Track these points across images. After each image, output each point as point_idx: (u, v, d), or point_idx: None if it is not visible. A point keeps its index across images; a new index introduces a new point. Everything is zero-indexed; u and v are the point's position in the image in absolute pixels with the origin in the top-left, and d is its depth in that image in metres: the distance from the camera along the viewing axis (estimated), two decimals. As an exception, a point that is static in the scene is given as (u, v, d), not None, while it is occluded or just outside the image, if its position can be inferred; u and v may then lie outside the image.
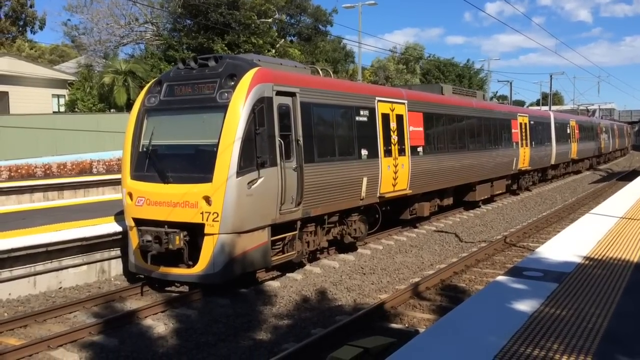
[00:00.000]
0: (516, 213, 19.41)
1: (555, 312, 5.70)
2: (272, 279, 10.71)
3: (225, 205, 9.09)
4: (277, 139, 9.82)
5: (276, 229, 10.08)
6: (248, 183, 9.28)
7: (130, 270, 10.32)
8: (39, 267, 9.99)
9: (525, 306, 5.88)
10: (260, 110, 9.57)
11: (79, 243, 10.43)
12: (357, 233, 12.70)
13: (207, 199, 9.15)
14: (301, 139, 10.40)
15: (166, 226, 9.40)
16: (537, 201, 22.58)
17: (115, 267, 11.20)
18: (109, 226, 11.08)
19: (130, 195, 9.96)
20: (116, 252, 11.17)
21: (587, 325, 5.31)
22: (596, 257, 8.15)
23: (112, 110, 38.76)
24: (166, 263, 9.72)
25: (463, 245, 14.03)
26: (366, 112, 12.79)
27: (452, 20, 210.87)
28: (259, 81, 9.69)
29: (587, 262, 7.85)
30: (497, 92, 79.61)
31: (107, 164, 29.89)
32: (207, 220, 9.16)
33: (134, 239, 9.96)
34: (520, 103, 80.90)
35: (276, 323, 8.45)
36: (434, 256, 12.89)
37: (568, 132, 32.25)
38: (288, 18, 52.44)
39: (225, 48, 42.96)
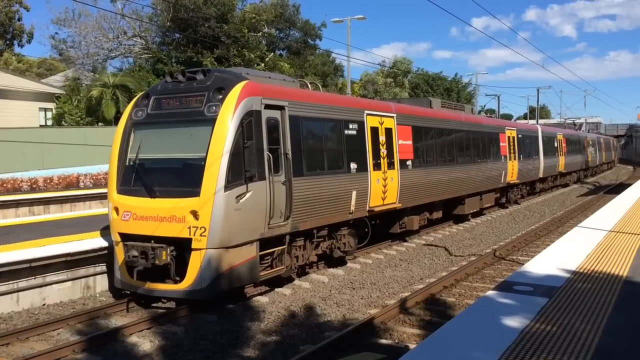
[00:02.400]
0: (505, 226, 19.43)
1: (545, 327, 5.65)
2: (261, 294, 10.59)
3: (212, 219, 8.97)
4: (266, 152, 9.76)
5: (264, 243, 9.97)
6: (236, 197, 9.17)
7: (116, 286, 10.14)
8: (22, 283, 9.79)
9: (515, 322, 5.81)
10: (248, 124, 9.51)
11: (63, 259, 10.25)
12: (346, 247, 12.63)
13: (195, 214, 9.02)
14: (290, 152, 10.33)
15: (153, 241, 9.26)
16: (525, 214, 22.64)
17: (101, 283, 11.02)
18: (94, 241, 10.91)
19: (117, 209, 9.82)
20: (102, 267, 11.00)
21: (578, 342, 5.25)
22: (586, 271, 8.13)
23: (99, 123, 38.53)
24: (153, 279, 9.56)
25: (453, 259, 13.99)
26: (355, 126, 12.75)
27: (439, 35, 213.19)
28: (247, 94, 9.65)
29: (576, 276, 7.82)
30: (485, 105, 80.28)
31: (94, 177, 29.64)
32: (194, 235, 9.04)
33: (119, 254, 9.81)
34: (508, 117, 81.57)
35: (264, 339, 8.32)
36: (424, 270, 12.83)
37: (555, 145, 32.52)
38: (277, 32, 52.64)
39: (215, 62, 43.01)
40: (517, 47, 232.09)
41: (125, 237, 9.70)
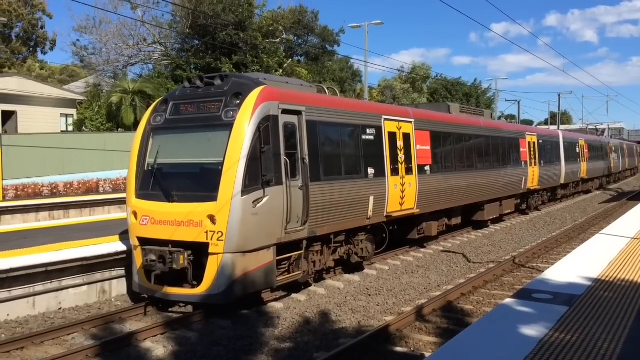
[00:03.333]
0: (525, 233, 19.12)
1: (565, 337, 5.48)
2: (277, 299, 10.52)
3: (230, 224, 8.95)
4: (283, 157, 9.74)
5: (282, 248, 9.93)
6: (253, 202, 9.15)
7: (134, 290, 10.14)
8: (39, 287, 9.85)
9: (534, 331, 5.66)
10: (265, 129, 9.50)
11: (79, 263, 10.30)
12: (364, 253, 12.53)
13: (212, 218, 9.03)
14: (307, 157, 10.30)
15: (170, 245, 9.26)
16: (546, 221, 22.27)
17: (117, 288, 11.05)
18: (111, 246, 10.95)
19: (135, 214, 9.86)
20: (117, 272, 11.03)
21: (598, 352, 5.08)
22: (607, 279, 7.91)
23: (119, 129, 38.96)
24: (170, 283, 9.54)
25: (471, 266, 13.77)
26: (373, 131, 12.71)
27: (458, 41, 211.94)
28: (264, 99, 9.65)
29: (598, 284, 7.61)
30: (504, 111, 79.55)
31: (113, 183, 29.93)
32: (211, 239, 9.03)
33: (138, 259, 9.82)
34: (529, 122, 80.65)
35: (278, 346, 8.24)
36: (441, 277, 12.65)
37: (577, 151, 32.08)
38: (296, 38, 52.83)
39: (233, 68, 43.27)
40: (537, 52, 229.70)
41: (143, 241, 9.72)
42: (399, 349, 7.96)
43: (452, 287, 11.36)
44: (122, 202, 23.87)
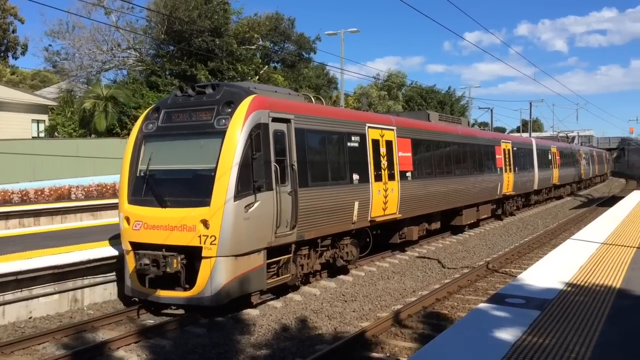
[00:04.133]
0: (498, 239, 19.38)
1: (537, 340, 5.57)
2: (261, 304, 10.59)
3: (222, 228, 9.18)
4: (273, 163, 10.02)
5: (271, 252, 10.15)
6: (245, 207, 9.40)
7: (126, 293, 10.25)
8: (8, 296, 9.62)
9: (507, 335, 5.74)
10: (257, 136, 9.76)
11: (50, 271, 10.08)
12: (348, 256, 12.85)
13: (205, 223, 9.24)
14: (296, 163, 10.59)
15: (164, 249, 9.42)
16: (519, 226, 22.61)
17: (89, 296, 10.85)
18: (83, 253, 10.75)
19: (128, 219, 9.99)
20: (90, 280, 10.84)
21: (570, 355, 5.18)
22: (578, 283, 8.07)
23: (92, 135, 38.40)
24: (162, 286, 9.66)
25: (446, 272, 13.89)
26: (357, 138, 13.08)
27: (433, 49, 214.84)
28: (255, 108, 9.91)
29: (569, 288, 7.76)
30: (477, 119, 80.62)
31: (86, 189, 29.43)
32: (204, 243, 9.23)
33: (130, 263, 9.94)
34: (501, 130, 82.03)
35: (254, 353, 8.18)
36: (417, 283, 12.73)
37: (549, 158, 33.02)
38: (272, 45, 52.82)
39: (209, 75, 43.06)
40: (509, 61, 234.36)
41: (136, 245, 9.84)
42: (375, 354, 7.97)
43: (427, 292, 11.44)
44: (95, 209, 23.52)
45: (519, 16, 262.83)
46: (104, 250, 11.12)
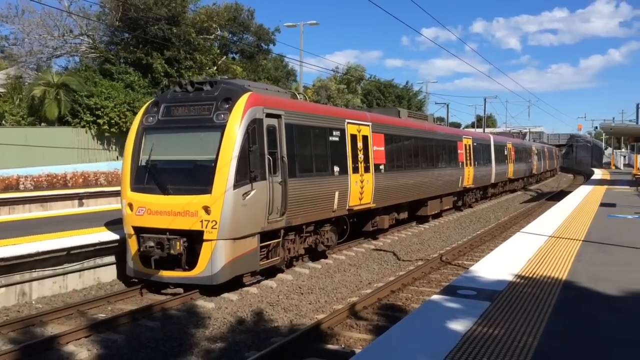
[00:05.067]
0: (452, 232, 19.79)
1: (487, 331, 5.72)
2: (256, 283, 11.60)
3: (223, 214, 10.07)
4: (267, 156, 10.94)
5: (263, 236, 11.06)
6: (243, 195, 10.33)
7: (128, 274, 11.04)
8: (-50, 290, 9.22)
9: (458, 325, 5.87)
10: (253, 130, 10.68)
11: (-4, 264, 9.71)
12: (329, 242, 13.94)
13: (206, 209, 10.09)
14: (285, 156, 11.53)
15: (167, 233, 10.23)
16: (472, 220, 23.14)
17: (37, 290, 10.52)
18: (31, 245, 10.41)
19: (131, 205, 10.75)
20: (39, 273, 10.50)
21: (518, 344, 5.34)
22: (527, 275, 8.32)
23: (42, 124, 37.09)
24: (163, 268, 10.45)
25: (401, 264, 14.10)
26: (338, 133, 14.15)
27: (391, 44, 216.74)
28: (251, 104, 10.79)
29: (518, 280, 7.99)
30: (434, 113, 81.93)
31: (35, 180, 28.45)
32: (206, 227, 10.11)
33: (132, 246, 10.75)
34: (457, 125, 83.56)
35: (208, 346, 8.11)
36: (372, 275, 12.87)
37: (505, 153, 34.76)
38: (230, 35, 52.14)
39: (165, 64, 42.20)
40: (465, 57, 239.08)
41: (139, 230, 10.59)
42: (330, 346, 8.03)
43: (382, 284, 11.59)
44: (44, 199, 22.80)
45: (475, 14, 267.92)
46: (53, 243, 10.83)
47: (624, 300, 6.99)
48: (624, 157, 76.56)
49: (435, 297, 7.22)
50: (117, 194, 29.18)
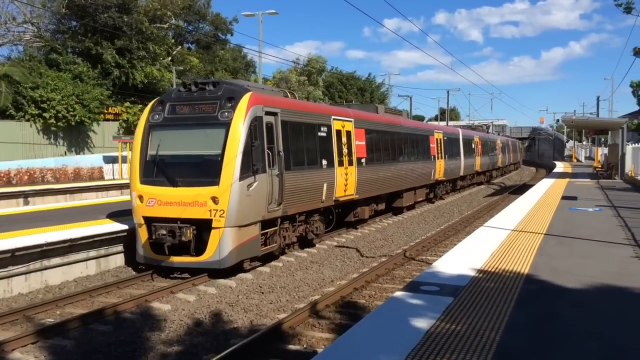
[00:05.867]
0: (416, 227, 20.07)
1: (450, 327, 5.83)
2: (254, 268, 12.85)
3: (230, 203, 11.31)
4: (266, 150, 12.21)
5: (263, 225, 12.33)
6: (247, 186, 11.58)
7: (138, 261, 12.22)
8: None
9: (421, 322, 5.96)
10: (254, 127, 11.93)
11: None
12: (317, 230, 15.48)
13: (214, 199, 11.31)
14: (282, 150, 12.84)
15: (179, 222, 11.38)
16: (435, 214, 23.53)
17: (-21, 295, 10.17)
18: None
19: (141, 197, 11.88)
20: (-20, 277, 10.15)
21: (480, 340, 5.46)
22: (490, 269, 8.52)
23: (-17, 117, 35.80)
24: (172, 254, 11.55)
25: (364, 260, 14.22)
26: (325, 129, 15.65)
27: (352, 35, 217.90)
28: (253, 103, 12.05)
29: (481, 274, 8.17)
30: (397, 106, 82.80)
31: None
32: (214, 216, 11.32)
33: (143, 235, 11.90)
34: (420, 118, 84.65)
35: (164, 350, 8.01)
36: (335, 272, 12.94)
37: (473, 147, 36.83)
38: (186, 25, 51.35)
39: (116, 54, 41.25)
40: (427, 49, 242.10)
41: (149, 219, 11.73)
42: (292, 346, 8.05)
43: (345, 282, 11.67)
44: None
45: (437, 5, 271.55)
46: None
47: (584, 292, 7.24)
48: (585, 149, 79.14)
49: (398, 293, 7.31)
50: (65, 191, 28.53)
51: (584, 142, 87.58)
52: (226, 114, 11.78)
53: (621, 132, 30.22)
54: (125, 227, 13.23)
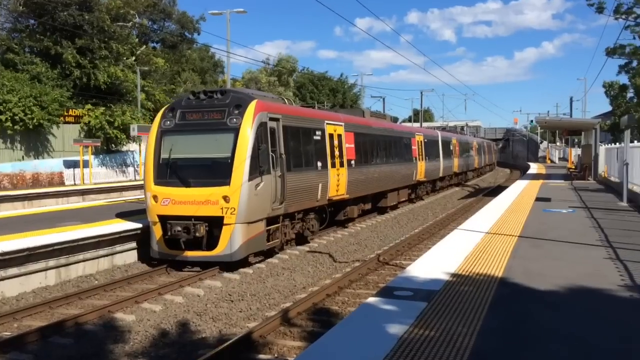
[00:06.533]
0: (389, 230, 20.19)
1: (424, 332, 5.88)
2: (260, 262, 14.38)
3: (240, 202, 12.82)
4: (270, 153, 13.74)
5: (267, 222, 13.86)
6: (255, 186, 13.13)
7: (152, 256, 13.57)
8: None
9: (395, 328, 6.00)
10: (260, 132, 13.49)
11: None
12: (313, 228, 17.13)
13: (226, 198, 12.81)
14: (284, 153, 14.41)
15: (193, 219, 12.81)
16: (409, 218, 23.72)
17: None
18: None
19: (155, 197, 13.31)
20: None
21: (454, 345, 5.52)
22: (464, 273, 8.62)
23: None
24: (184, 249, 12.96)
25: (337, 266, 14.25)
26: (319, 133, 17.31)
27: (324, 34, 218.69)
28: (259, 110, 13.60)
29: (454, 278, 8.26)
30: (370, 107, 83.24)
31: None
32: (225, 213, 12.83)
33: (157, 232, 13.31)
34: (394, 119, 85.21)
35: (129, 363, 7.89)
36: (307, 278, 12.94)
37: (451, 148, 38.75)
38: (150, 23, 50.85)
39: (77, 54, 40.60)
40: (400, 49, 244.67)
41: (164, 218, 13.12)
42: (262, 356, 8.01)
43: (317, 288, 11.67)
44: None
45: (409, 4, 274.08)
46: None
47: (558, 294, 7.38)
48: (559, 150, 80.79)
49: (371, 299, 7.34)
50: (23, 198, 27.93)
51: (558, 143, 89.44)
52: (234, 120, 13.29)
53: (594, 133, 30.87)
54: (87, 234, 13.01)
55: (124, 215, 16.37)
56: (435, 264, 9.37)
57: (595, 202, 19.26)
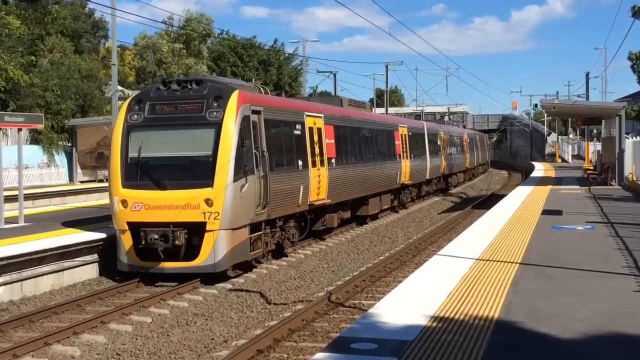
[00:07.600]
0: (345, 257, 20.28)
1: (393, 400, 5.91)
2: (238, 276, 16.32)
3: (224, 205, 14.85)
4: (254, 150, 15.95)
5: (250, 228, 16.03)
6: (240, 187, 15.24)
7: (121, 269, 15.57)
8: None
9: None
10: (243, 127, 15.62)
11: None
12: (293, 238, 19.44)
13: (208, 201, 14.82)
14: (266, 150, 16.57)
15: (171, 226, 14.61)
16: (371, 240, 23.92)
17: None
18: None
19: (124, 202, 15.16)
20: None
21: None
22: (447, 315, 8.73)
23: None
24: (158, 260, 15.02)
25: (272, 309, 14.23)
26: (300, 126, 19.65)
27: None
28: (242, 102, 15.68)
29: (434, 323, 8.36)
30: (317, 86, 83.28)
31: None
32: (208, 219, 14.83)
33: (126, 241, 15.17)
34: (361, 105, 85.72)
35: None
36: (230, 327, 12.87)
37: (439, 144, 40.96)
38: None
39: None
40: (357, 6, 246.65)
41: (134, 225, 15.00)
42: None
43: (244, 341, 11.61)
44: None
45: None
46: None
47: (574, 344, 7.54)
48: (573, 145, 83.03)
49: (319, 355, 7.34)
50: None
51: (571, 136, 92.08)
52: (215, 113, 15.32)
53: (618, 121, 31.22)
54: None
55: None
56: (407, 303, 9.48)
57: (621, 215, 19.85)
